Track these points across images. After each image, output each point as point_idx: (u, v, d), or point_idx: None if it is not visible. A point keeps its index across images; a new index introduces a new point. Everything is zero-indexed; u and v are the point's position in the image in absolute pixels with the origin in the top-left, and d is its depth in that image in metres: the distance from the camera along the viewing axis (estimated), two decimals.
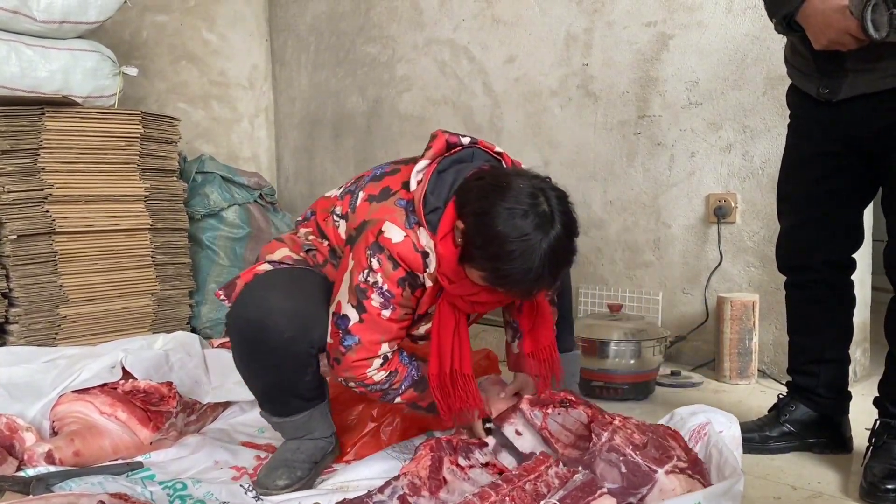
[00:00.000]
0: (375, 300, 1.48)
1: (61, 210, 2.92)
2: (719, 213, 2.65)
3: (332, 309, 1.54)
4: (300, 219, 1.78)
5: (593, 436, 1.49)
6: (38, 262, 2.87)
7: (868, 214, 2.15)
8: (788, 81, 1.82)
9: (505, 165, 1.59)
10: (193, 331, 3.46)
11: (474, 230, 1.39)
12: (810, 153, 1.74)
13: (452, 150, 1.55)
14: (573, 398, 1.61)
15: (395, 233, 1.46)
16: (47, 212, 2.88)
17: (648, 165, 2.87)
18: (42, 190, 2.87)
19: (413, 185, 1.49)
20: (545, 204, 1.37)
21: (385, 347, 1.53)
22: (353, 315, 1.50)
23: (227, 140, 4.41)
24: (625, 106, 2.92)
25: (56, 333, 2.92)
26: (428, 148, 1.54)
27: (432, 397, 1.59)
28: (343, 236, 1.64)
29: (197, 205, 3.56)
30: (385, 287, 1.47)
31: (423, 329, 1.63)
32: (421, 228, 1.47)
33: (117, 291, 3.11)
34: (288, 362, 1.57)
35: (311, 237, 1.72)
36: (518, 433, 1.60)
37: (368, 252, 1.47)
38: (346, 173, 4.20)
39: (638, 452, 1.43)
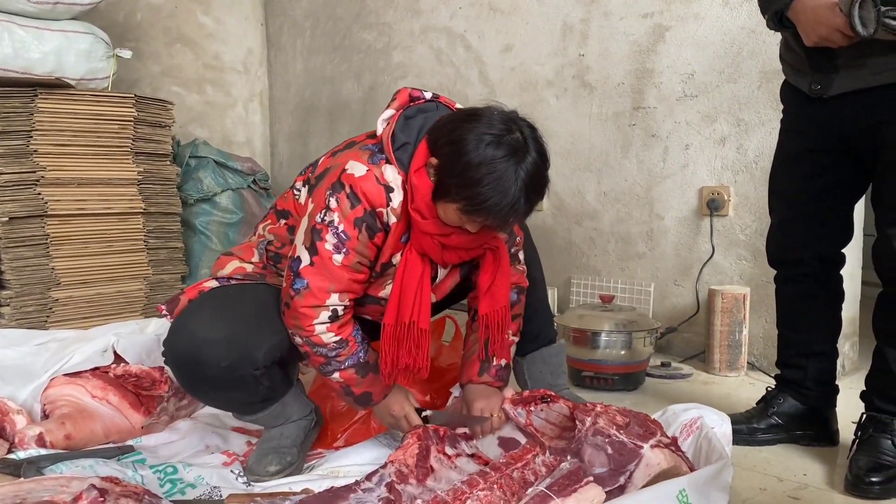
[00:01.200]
0: (329, 241, 1.44)
1: (53, 193, 2.91)
2: (712, 205, 2.66)
3: (290, 253, 1.53)
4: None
5: (577, 422, 1.50)
6: (29, 244, 2.86)
7: (859, 209, 2.16)
8: (783, 76, 1.82)
9: None
10: None
11: (448, 160, 1.38)
12: (802, 149, 1.75)
13: (415, 102, 1.55)
14: (552, 394, 1.62)
15: (357, 168, 1.45)
16: (39, 194, 2.87)
17: (643, 157, 2.87)
18: (34, 172, 2.85)
19: (379, 130, 1.50)
20: (518, 132, 1.37)
21: (335, 299, 1.47)
22: (305, 257, 1.47)
23: (221, 124, 4.39)
24: (620, 97, 2.92)
25: (48, 316, 2.92)
26: (392, 100, 1.55)
27: (367, 387, 1.57)
28: (304, 200, 1.61)
29: (190, 189, 3.55)
30: (341, 227, 1.44)
31: (388, 289, 1.56)
32: (387, 165, 1.46)
33: (109, 275, 3.11)
34: (232, 387, 1.54)
35: (268, 228, 1.72)
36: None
37: (328, 192, 1.46)
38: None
39: (622, 431, 1.45)
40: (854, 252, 2.50)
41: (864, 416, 1.69)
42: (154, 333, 2.12)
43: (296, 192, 1.67)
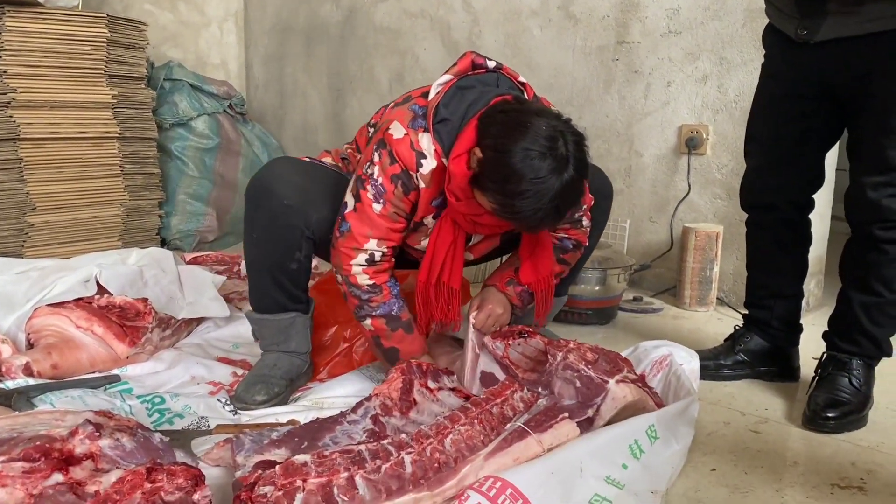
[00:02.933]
0: (370, 191, 1.55)
1: (26, 115, 2.86)
2: (691, 144, 2.69)
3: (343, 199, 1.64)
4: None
5: (549, 357, 1.57)
6: (3, 168, 2.83)
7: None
8: (767, 18, 1.81)
9: (527, 97, 1.62)
10: (163, 242, 3.46)
11: (491, 164, 1.42)
12: (781, 94, 1.77)
13: (476, 71, 1.58)
14: (530, 330, 1.67)
15: (397, 130, 1.53)
16: (11, 117, 2.82)
17: (625, 93, 2.87)
18: (5, 94, 2.79)
19: (431, 95, 1.54)
20: (563, 147, 1.39)
21: (373, 244, 1.58)
22: (350, 202, 1.59)
23: (195, 45, 4.28)
24: (604, 30, 2.89)
25: (24, 241, 2.91)
26: (454, 65, 1.58)
27: (396, 342, 1.66)
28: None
29: (165, 113, 3.49)
30: (380, 181, 1.54)
31: (423, 243, 1.67)
32: (424, 133, 1.51)
33: (85, 200, 3.09)
34: (281, 231, 1.64)
35: (348, 150, 1.85)
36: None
37: (375, 147, 1.56)
38: (319, 84, 4.12)
39: (590, 367, 1.52)
40: (824, 190, 2.54)
41: (825, 355, 1.78)
42: (136, 264, 2.12)
43: (369, 130, 1.78)
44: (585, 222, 1.76)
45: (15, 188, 2.86)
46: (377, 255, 1.60)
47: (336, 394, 1.70)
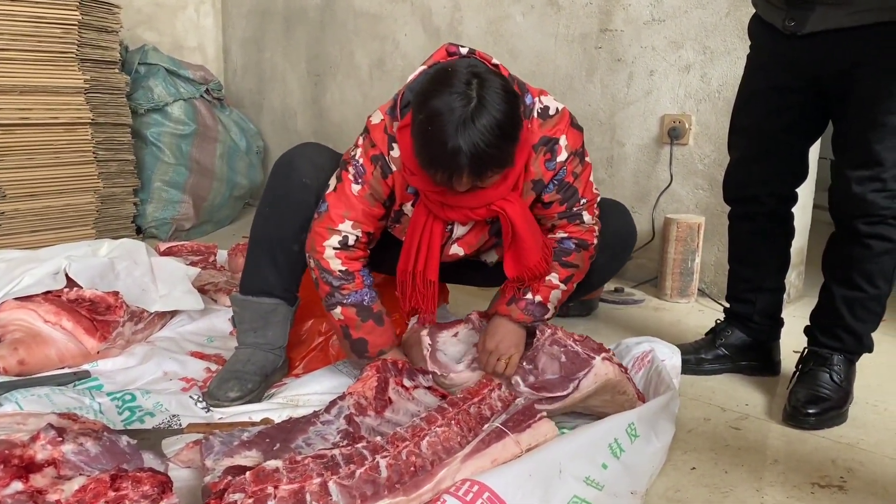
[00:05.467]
0: (350, 172, 1.57)
1: None
2: (673, 134, 2.67)
3: None
4: None
5: (538, 332, 1.56)
6: None
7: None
8: (752, 8, 1.79)
9: None
10: (138, 230, 3.40)
11: (413, 116, 1.42)
12: (766, 86, 1.74)
13: (450, 58, 1.54)
14: None
15: (376, 116, 1.57)
16: None
17: (607, 82, 2.84)
18: None
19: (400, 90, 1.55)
20: (476, 89, 1.34)
21: (347, 225, 1.56)
22: (332, 184, 1.60)
23: (171, 28, 4.18)
24: (588, 18, 2.86)
25: None
26: (429, 58, 1.56)
27: (365, 334, 1.61)
28: None
29: (140, 98, 3.41)
30: (360, 161, 1.56)
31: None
32: (397, 122, 1.53)
33: (58, 188, 3.02)
34: (294, 206, 1.65)
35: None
36: (458, 339, 1.70)
37: (360, 135, 1.59)
38: (298, 69, 4.05)
39: (578, 343, 1.51)
40: (807, 179, 2.54)
41: (806, 350, 1.77)
42: (108, 256, 2.07)
43: None
44: (587, 217, 1.64)
45: None
46: (351, 239, 1.58)
47: (311, 391, 1.67)
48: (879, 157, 1.55)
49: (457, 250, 1.68)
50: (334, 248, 1.58)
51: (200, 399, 1.64)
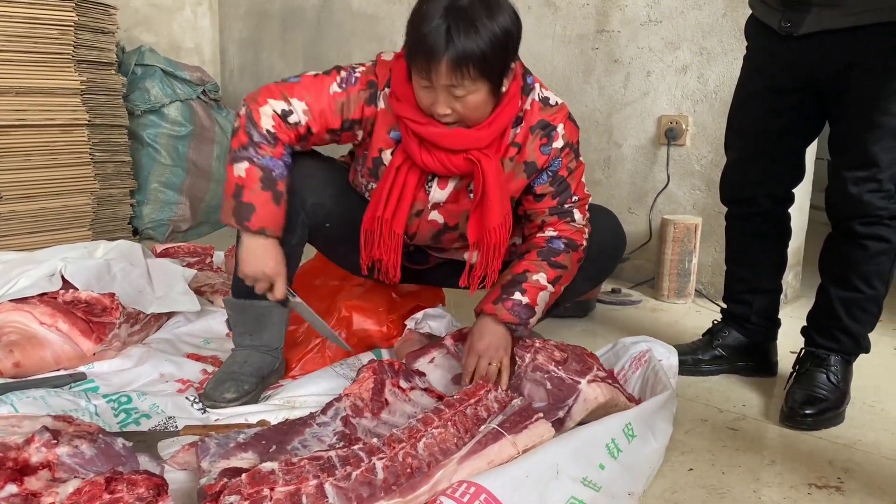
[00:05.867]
0: (341, 75, 1.54)
1: None
2: (670, 134, 2.67)
3: None
4: None
5: (517, 359, 1.54)
6: None
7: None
8: (749, 7, 1.79)
9: None
10: (135, 232, 3.39)
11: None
12: (764, 87, 1.74)
13: None
14: None
15: (388, 54, 1.57)
16: None
17: (604, 82, 2.84)
18: None
19: None
20: None
21: (300, 105, 1.51)
22: (316, 72, 1.57)
23: (167, 29, 4.18)
24: (584, 19, 2.86)
25: None
26: None
27: (258, 203, 1.48)
28: None
29: (137, 100, 3.41)
30: (357, 75, 1.54)
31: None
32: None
33: (54, 189, 3.01)
34: (291, 220, 1.59)
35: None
36: (434, 364, 1.64)
37: (374, 56, 1.59)
38: (295, 70, 4.04)
39: (560, 367, 1.49)
40: (804, 181, 2.54)
41: (803, 350, 1.77)
42: (104, 258, 2.06)
43: None
44: (578, 216, 1.62)
45: None
46: (293, 117, 1.51)
47: (307, 392, 1.66)
48: (876, 158, 1.55)
49: (436, 217, 1.64)
50: (274, 111, 1.50)
51: (197, 400, 1.63)
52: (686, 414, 1.68)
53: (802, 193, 2.58)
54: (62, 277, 1.91)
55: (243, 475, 1.07)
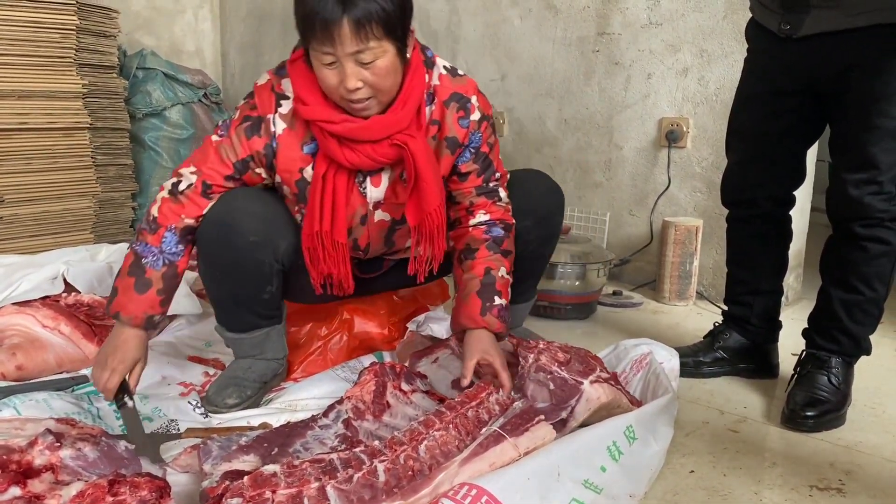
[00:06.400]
0: (220, 125, 1.52)
1: None
2: (671, 137, 2.67)
3: None
4: None
5: (520, 359, 1.54)
6: None
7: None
8: (749, 7, 1.79)
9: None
10: None
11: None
12: (763, 89, 1.75)
13: None
14: None
15: (263, 77, 1.50)
16: None
17: (605, 85, 2.84)
18: None
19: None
20: None
21: (187, 170, 1.49)
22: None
23: (169, 32, 4.19)
24: (585, 21, 2.86)
25: None
26: None
27: (121, 289, 1.46)
28: None
29: (138, 103, 3.42)
30: (235, 116, 1.50)
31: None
32: (286, 79, 1.46)
33: (56, 192, 3.02)
34: (250, 270, 1.55)
35: None
36: (438, 364, 1.64)
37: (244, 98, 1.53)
38: None
39: (563, 368, 1.49)
40: (805, 183, 2.55)
41: (804, 352, 1.77)
42: (105, 261, 2.07)
43: None
44: (503, 194, 1.62)
45: None
46: (182, 184, 1.49)
47: (309, 395, 1.66)
48: (875, 160, 1.55)
49: (382, 216, 1.60)
50: (165, 195, 1.50)
51: (199, 405, 1.63)
52: (687, 416, 1.68)
53: (803, 195, 2.58)
54: (64, 280, 1.92)
55: (245, 478, 1.08)
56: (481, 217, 1.60)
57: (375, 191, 1.56)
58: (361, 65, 1.32)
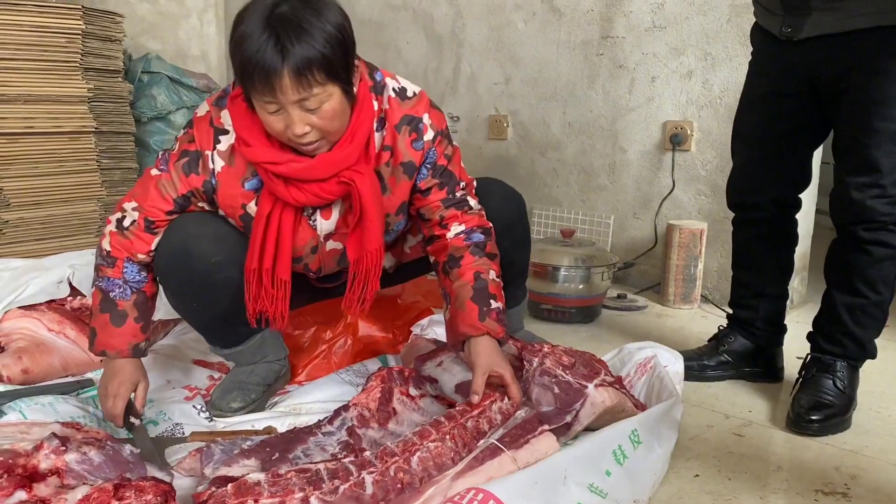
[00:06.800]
0: (161, 158, 1.47)
1: None
2: (675, 140, 2.67)
3: None
4: None
5: (525, 363, 1.53)
6: None
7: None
8: (753, 11, 1.80)
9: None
10: None
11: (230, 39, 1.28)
12: (767, 92, 1.75)
13: None
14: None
15: (202, 108, 1.45)
16: None
17: (609, 88, 2.84)
18: None
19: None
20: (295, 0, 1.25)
21: (130, 205, 1.46)
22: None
23: (174, 36, 4.20)
24: (589, 25, 2.86)
25: None
26: None
27: (98, 327, 1.46)
28: None
29: (143, 107, 3.43)
30: (173, 149, 1.46)
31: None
32: (225, 111, 1.41)
33: (62, 196, 3.03)
34: (220, 290, 1.52)
35: None
36: (443, 367, 1.61)
37: (187, 124, 1.48)
38: None
39: (568, 372, 1.47)
40: (810, 186, 2.54)
41: (809, 356, 1.76)
42: None
43: None
44: (473, 202, 1.57)
45: None
46: (127, 220, 1.45)
47: (314, 399, 1.66)
48: (877, 163, 1.55)
49: (334, 245, 1.56)
50: (111, 229, 1.47)
51: (204, 409, 1.64)
52: (692, 419, 1.67)
53: (808, 198, 2.57)
54: (70, 284, 1.92)
55: (229, 485, 1.07)
56: (457, 228, 1.54)
57: (326, 223, 1.52)
58: (307, 111, 1.28)
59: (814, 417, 1.63)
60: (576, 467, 1.27)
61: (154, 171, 1.46)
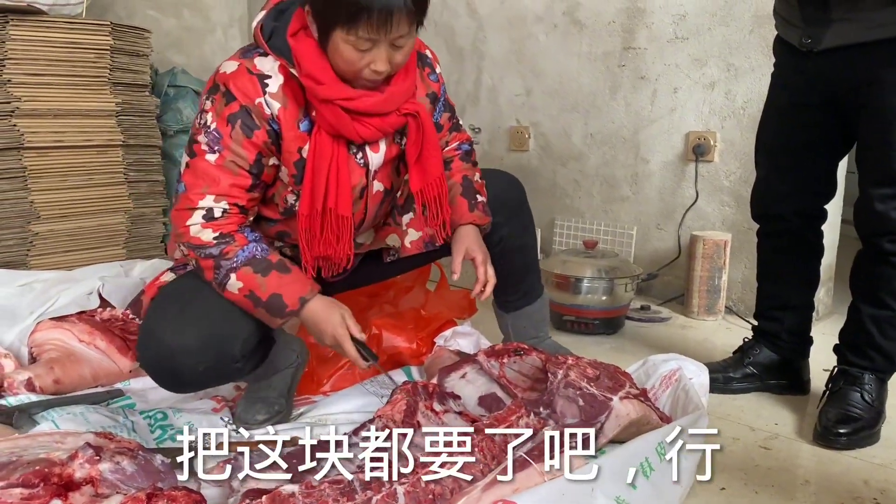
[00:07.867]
0: (202, 142, 1.37)
1: (30, 124, 2.84)
2: (698, 151, 2.66)
3: None
4: None
5: (549, 375, 1.53)
6: (7, 177, 2.81)
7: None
8: (775, 25, 1.80)
9: None
10: (167, 250, 3.44)
11: None
12: (789, 103, 1.75)
13: None
14: (526, 347, 1.64)
15: (229, 66, 1.38)
16: (15, 126, 2.80)
17: (630, 99, 2.85)
18: (9, 103, 2.77)
19: (253, 29, 1.42)
20: None
21: (208, 201, 1.37)
22: (185, 161, 1.41)
23: (199, 51, 4.25)
24: (610, 36, 2.87)
25: (28, 250, 2.89)
26: (264, 5, 1.47)
27: (275, 288, 1.39)
28: None
29: (170, 120, 3.47)
30: (213, 126, 1.36)
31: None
32: (260, 56, 1.39)
33: (90, 208, 3.07)
34: (215, 381, 1.56)
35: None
36: (467, 379, 1.62)
37: (205, 97, 1.40)
38: None
39: (592, 384, 1.48)
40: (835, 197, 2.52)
41: (836, 369, 1.75)
42: (139, 276, 2.11)
43: None
44: (460, 122, 1.77)
45: (19, 197, 2.85)
46: (217, 211, 1.38)
47: (339, 409, 1.68)
48: None
49: (378, 187, 1.56)
50: (199, 223, 1.37)
51: (231, 421, 1.66)
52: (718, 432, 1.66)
53: (834, 208, 2.54)
54: (100, 296, 1.96)
55: (264, 497, 1.08)
56: (452, 144, 1.73)
57: (376, 156, 1.51)
58: (396, 48, 1.33)
59: (842, 431, 1.61)
60: (603, 479, 1.26)
61: (210, 157, 1.36)
